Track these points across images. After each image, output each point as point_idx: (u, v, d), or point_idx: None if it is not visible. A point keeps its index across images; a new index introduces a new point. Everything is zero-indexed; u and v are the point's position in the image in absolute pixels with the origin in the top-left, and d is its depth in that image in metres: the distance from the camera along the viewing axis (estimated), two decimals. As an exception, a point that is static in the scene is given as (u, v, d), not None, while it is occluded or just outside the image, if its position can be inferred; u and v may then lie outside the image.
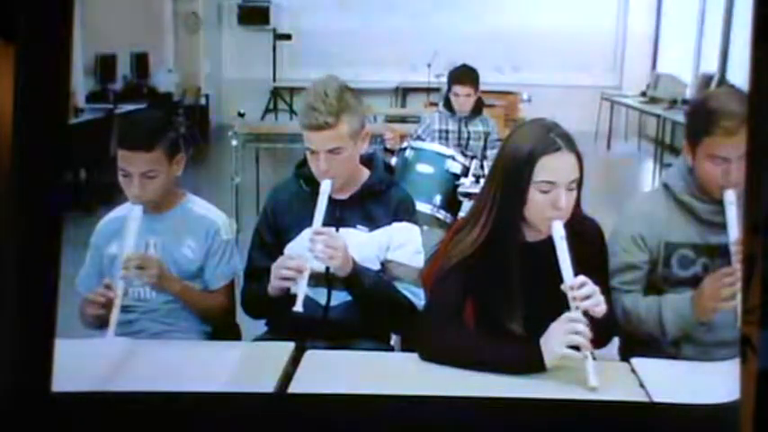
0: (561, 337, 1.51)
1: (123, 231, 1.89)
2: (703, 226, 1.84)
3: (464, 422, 1.43)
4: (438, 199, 3.57)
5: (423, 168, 3.62)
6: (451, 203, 3.59)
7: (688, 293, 1.78)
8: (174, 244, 1.99)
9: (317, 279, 1.84)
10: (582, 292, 1.53)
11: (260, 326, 2.02)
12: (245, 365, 1.65)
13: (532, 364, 1.54)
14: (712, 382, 1.44)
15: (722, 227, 1.74)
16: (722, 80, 7.20)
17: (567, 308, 1.53)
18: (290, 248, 1.90)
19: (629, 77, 9.64)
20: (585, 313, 1.52)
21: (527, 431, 1.44)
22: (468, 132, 4.06)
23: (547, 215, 1.60)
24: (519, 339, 1.62)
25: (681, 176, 1.87)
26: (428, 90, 8.33)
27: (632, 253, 1.85)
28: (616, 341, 1.87)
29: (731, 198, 1.72)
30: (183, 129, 2.07)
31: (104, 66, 7.25)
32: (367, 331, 1.91)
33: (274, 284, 1.78)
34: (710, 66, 7.80)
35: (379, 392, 1.48)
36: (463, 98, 3.99)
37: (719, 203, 1.76)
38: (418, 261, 1.94)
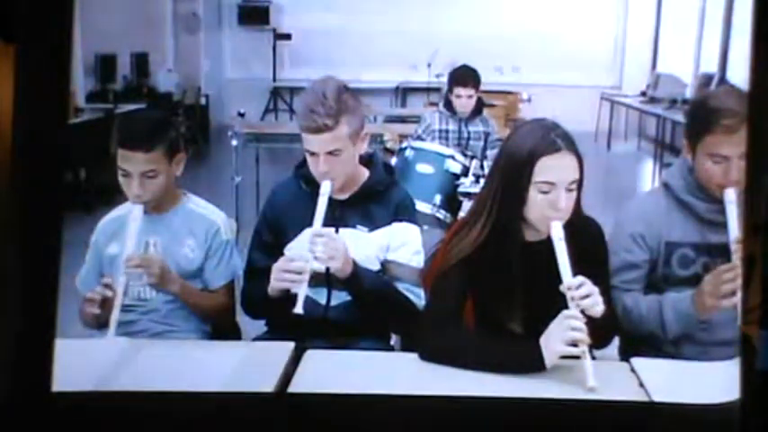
0: (561, 336, 1.51)
1: (123, 231, 1.89)
2: (703, 225, 1.84)
3: (464, 422, 1.43)
4: (438, 199, 3.57)
5: (423, 168, 3.62)
6: (451, 203, 3.59)
7: (689, 292, 1.78)
8: (174, 244, 1.99)
9: (316, 279, 1.83)
10: (580, 291, 1.53)
11: (260, 326, 2.02)
12: (245, 365, 1.65)
13: (533, 363, 1.54)
14: (712, 382, 1.44)
15: (722, 226, 1.74)
16: (722, 80, 7.20)
17: (567, 308, 1.53)
18: (290, 249, 1.90)
19: (629, 77, 9.63)
20: (585, 314, 1.52)
21: (527, 431, 1.44)
22: (468, 132, 4.06)
23: (546, 215, 1.60)
24: (519, 339, 1.62)
25: (681, 175, 1.87)
26: (428, 90, 8.34)
27: (632, 252, 1.85)
28: (616, 341, 1.87)
29: (731, 197, 1.72)
30: (183, 129, 2.07)
31: (104, 66, 7.24)
32: (367, 331, 1.91)
33: (275, 285, 1.78)
34: (710, 66, 7.80)
35: (379, 392, 1.48)
36: (465, 99, 4.01)
37: (719, 202, 1.76)
38: (418, 261, 1.94)
